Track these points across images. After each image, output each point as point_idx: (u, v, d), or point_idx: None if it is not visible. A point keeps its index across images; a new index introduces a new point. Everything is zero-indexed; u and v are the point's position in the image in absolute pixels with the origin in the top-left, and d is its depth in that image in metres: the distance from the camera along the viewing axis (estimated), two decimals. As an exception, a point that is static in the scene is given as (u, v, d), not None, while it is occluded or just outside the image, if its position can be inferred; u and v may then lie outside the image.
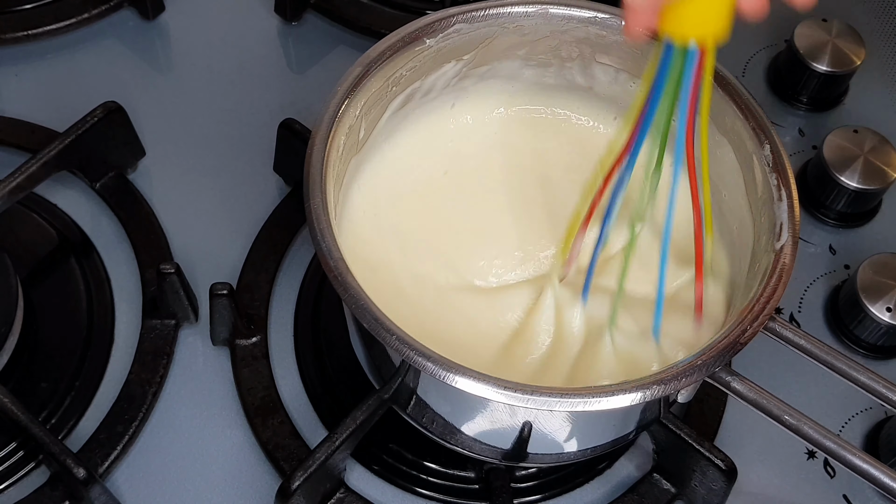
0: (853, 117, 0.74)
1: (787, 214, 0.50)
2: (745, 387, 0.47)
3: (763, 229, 0.51)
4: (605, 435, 0.52)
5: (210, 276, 0.61)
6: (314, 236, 0.46)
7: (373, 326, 0.44)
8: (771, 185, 0.51)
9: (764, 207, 0.51)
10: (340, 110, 0.50)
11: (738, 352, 0.46)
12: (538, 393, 0.43)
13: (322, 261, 0.46)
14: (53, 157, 0.62)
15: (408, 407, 0.51)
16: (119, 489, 0.56)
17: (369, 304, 0.44)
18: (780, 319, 0.48)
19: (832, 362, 0.48)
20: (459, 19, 0.54)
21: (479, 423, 0.49)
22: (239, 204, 0.67)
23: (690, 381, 0.45)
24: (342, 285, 0.45)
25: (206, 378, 0.60)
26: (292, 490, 0.52)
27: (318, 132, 0.49)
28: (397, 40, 0.53)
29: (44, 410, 0.58)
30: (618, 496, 0.57)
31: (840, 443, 0.46)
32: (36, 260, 0.63)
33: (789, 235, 0.49)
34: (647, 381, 0.44)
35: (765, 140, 0.52)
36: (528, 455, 0.51)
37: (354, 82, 0.51)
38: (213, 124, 0.70)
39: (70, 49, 0.73)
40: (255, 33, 0.75)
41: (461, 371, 0.43)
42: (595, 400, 0.43)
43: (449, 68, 0.57)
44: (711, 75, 0.44)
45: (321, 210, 0.47)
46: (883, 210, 0.70)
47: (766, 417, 0.47)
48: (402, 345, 0.43)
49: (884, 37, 0.78)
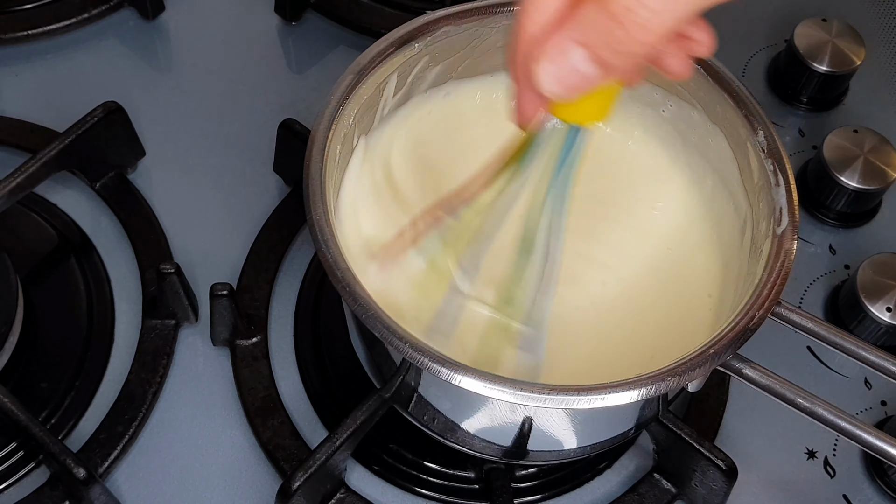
0: (853, 117, 0.74)
1: (785, 199, 0.50)
2: (757, 373, 0.47)
3: (762, 215, 0.51)
4: (606, 431, 0.52)
5: (210, 276, 0.61)
6: (319, 248, 0.46)
7: (385, 336, 0.44)
8: (767, 170, 0.51)
9: (761, 193, 0.52)
10: (335, 119, 0.51)
11: (748, 338, 0.46)
12: (555, 392, 0.43)
13: (329, 273, 0.46)
14: (53, 157, 0.62)
15: (409, 405, 0.51)
16: (119, 489, 0.56)
17: (380, 314, 0.45)
18: (786, 303, 0.48)
19: (841, 343, 0.48)
20: (446, 22, 0.54)
21: (481, 420, 0.49)
22: (239, 204, 0.67)
23: (703, 372, 0.45)
24: (351, 296, 0.45)
25: (206, 378, 0.60)
26: (293, 490, 0.52)
27: (315, 142, 0.49)
28: (387, 45, 0.53)
29: (44, 410, 0.58)
30: (618, 496, 0.57)
31: (855, 423, 0.46)
32: (36, 260, 0.63)
33: (789, 219, 0.49)
34: (661, 374, 0.44)
35: (758, 126, 0.52)
36: (528, 452, 0.51)
37: (347, 91, 0.52)
38: (213, 124, 0.70)
39: (70, 49, 0.73)
40: (255, 33, 0.75)
41: (476, 374, 0.43)
42: (609, 395, 0.43)
43: (437, 69, 0.57)
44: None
45: (324, 222, 0.47)
46: (883, 210, 0.70)
47: (782, 403, 0.47)
48: (415, 352, 0.44)
49: (884, 37, 0.78)
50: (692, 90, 0.55)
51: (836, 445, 0.60)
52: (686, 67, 0.44)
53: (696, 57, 0.43)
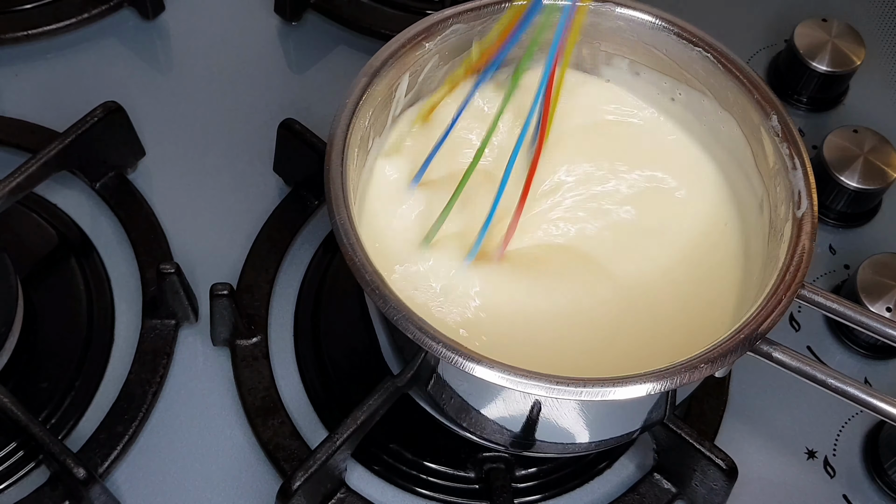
0: (853, 117, 0.74)
1: (803, 182, 0.50)
2: (786, 356, 0.47)
3: (779, 199, 0.51)
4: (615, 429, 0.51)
5: (210, 276, 0.61)
6: (345, 251, 0.46)
7: (417, 336, 0.44)
8: (783, 154, 0.51)
9: (778, 177, 0.52)
10: (351, 123, 0.51)
11: (777, 321, 0.46)
12: (590, 384, 0.43)
13: (357, 276, 0.45)
14: (53, 157, 0.62)
15: (427, 386, 0.51)
16: (119, 489, 0.56)
17: (411, 315, 0.45)
18: (809, 286, 0.48)
19: (867, 322, 0.48)
20: (456, 20, 0.54)
21: (497, 406, 0.49)
22: (239, 204, 0.67)
23: (735, 357, 0.45)
24: (381, 298, 0.45)
25: (206, 378, 0.60)
26: (293, 490, 0.52)
27: (333, 147, 0.49)
28: (398, 46, 0.53)
29: (44, 410, 0.58)
30: (618, 496, 0.57)
31: (892, 402, 0.46)
32: (36, 260, 0.63)
33: (808, 202, 0.49)
34: (695, 361, 0.44)
35: (771, 111, 0.52)
36: (535, 442, 0.51)
37: (361, 93, 0.52)
38: (213, 124, 0.70)
39: (70, 49, 0.73)
40: (255, 33, 0.75)
41: (512, 371, 0.43)
42: (642, 385, 0.43)
43: (446, 67, 0.57)
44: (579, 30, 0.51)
45: (349, 226, 0.47)
46: (883, 210, 0.70)
47: (812, 384, 0.47)
48: (449, 352, 0.44)
49: (884, 37, 0.78)
50: (702, 77, 0.55)
51: (836, 445, 0.60)
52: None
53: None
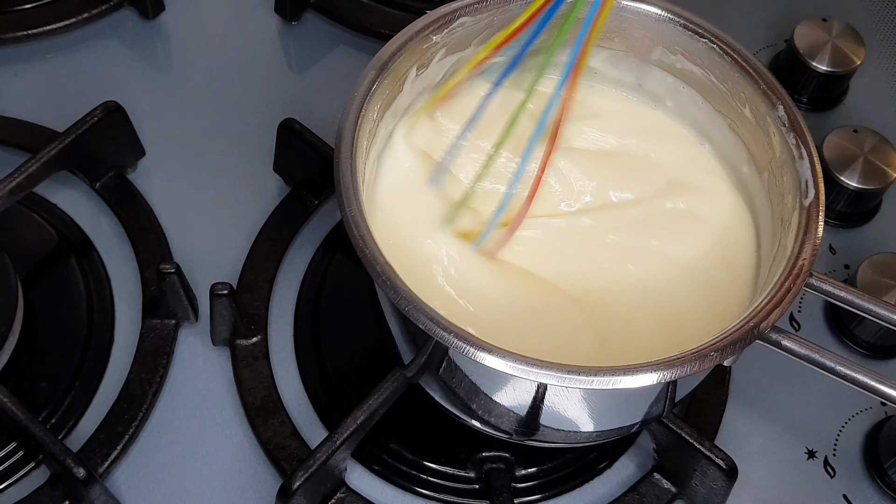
0: (853, 117, 0.74)
1: (810, 171, 0.50)
2: (797, 344, 0.47)
3: (786, 189, 0.52)
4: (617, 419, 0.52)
5: (210, 276, 0.61)
6: (356, 243, 0.46)
7: (429, 327, 0.44)
8: (790, 144, 0.52)
9: (784, 167, 0.52)
10: (360, 116, 0.51)
11: (787, 308, 0.46)
12: (602, 374, 0.43)
13: (368, 267, 0.45)
14: (53, 156, 0.62)
15: (438, 371, 0.51)
16: (119, 489, 0.56)
17: (423, 305, 0.45)
18: (818, 274, 0.48)
19: (877, 311, 0.48)
20: (463, 13, 0.55)
21: (504, 394, 0.49)
22: (239, 204, 0.67)
23: (744, 345, 0.45)
24: (392, 289, 0.45)
25: (206, 378, 0.60)
26: (293, 490, 0.52)
27: (343, 140, 0.49)
28: (406, 40, 0.53)
29: (44, 410, 0.58)
30: (618, 496, 0.57)
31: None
32: (36, 260, 0.63)
33: (815, 191, 0.49)
34: (704, 349, 0.44)
35: (777, 102, 0.53)
36: (539, 427, 0.51)
37: (370, 86, 0.52)
38: (213, 124, 0.70)
39: (70, 49, 0.73)
40: (255, 33, 0.75)
41: (524, 361, 0.43)
42: (652, 373, 0.43)
43: (453, 59, 0.57)
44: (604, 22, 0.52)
45: (359, 218, 0.47)
46: (883, 210, 0.70)
47: (822, 371, 0.47)
48: (461, 342, 0.44)
49: (884, 37, 0.78)
50: (708, 68, 0.55)
51: (837, 445, 0.60)
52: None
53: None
